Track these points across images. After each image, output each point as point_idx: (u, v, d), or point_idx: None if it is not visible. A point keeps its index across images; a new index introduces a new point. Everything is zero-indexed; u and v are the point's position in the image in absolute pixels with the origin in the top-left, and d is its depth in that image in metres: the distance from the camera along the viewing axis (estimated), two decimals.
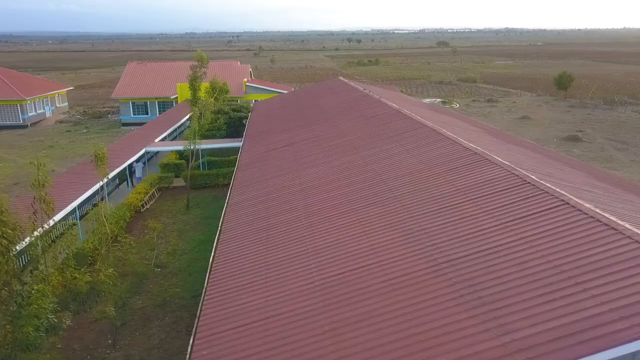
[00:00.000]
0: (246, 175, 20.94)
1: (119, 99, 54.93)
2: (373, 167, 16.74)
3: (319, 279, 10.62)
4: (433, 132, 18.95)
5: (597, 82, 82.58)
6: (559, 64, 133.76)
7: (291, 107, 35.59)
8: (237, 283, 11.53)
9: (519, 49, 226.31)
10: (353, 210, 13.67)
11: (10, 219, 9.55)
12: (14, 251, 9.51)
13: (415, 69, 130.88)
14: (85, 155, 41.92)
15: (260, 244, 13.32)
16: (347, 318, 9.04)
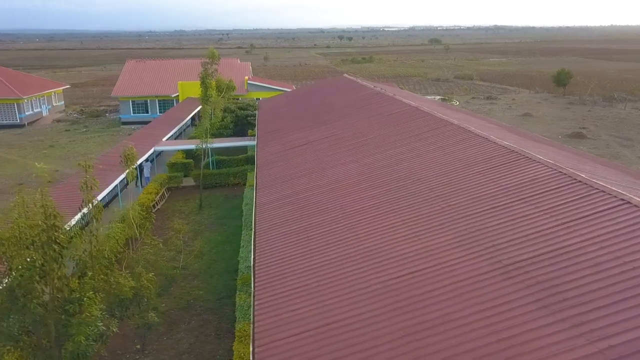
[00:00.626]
0: (268, 174, 20.54)
1: (118, 97, 54.11)
2: (406, 166, 16.44)
3: (377, 282, 10.29)
4: (461, 129, 18.68)
5: (593, 79, 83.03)
6: (552, 61, 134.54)
7: (299, 106, 35.19)
8: (286, 287, 11.17)
9: (511, 46, 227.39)
10: (395, 211, 13.35)
11: (62, 223, 9.10)
12: (66, 257, 9.06)
13: (410, 66, 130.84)
14: (88, 155, 41.26)
15: (301, 245, 12.96)
16: (421, 323, 8.73)
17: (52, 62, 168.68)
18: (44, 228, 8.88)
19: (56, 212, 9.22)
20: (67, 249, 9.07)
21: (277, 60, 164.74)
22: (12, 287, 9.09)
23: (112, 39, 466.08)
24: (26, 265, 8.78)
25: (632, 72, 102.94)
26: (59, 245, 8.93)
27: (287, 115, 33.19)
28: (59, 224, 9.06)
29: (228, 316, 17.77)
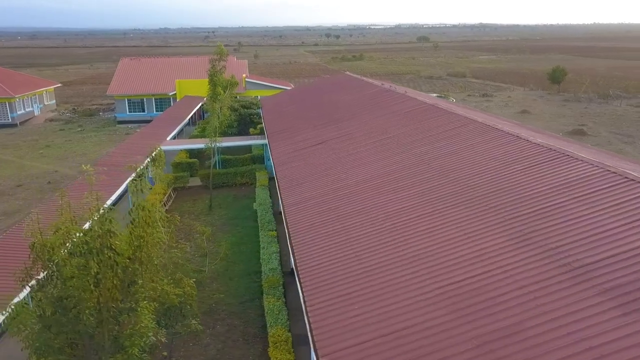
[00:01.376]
0: (289, 174, 20.07)
1: (114, 96, 53.09)
2: (438, 165, 16.11)
3: (437, 287, 9.93)
4: (487, 127, 18.40)
5: (585, 76, 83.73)
6: (541, 59, 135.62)
7: (304, 104, 34.71)
8: (337, 292, 10.74)
9: (498, 44, 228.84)
10: (439, 211, 13.00)
11: (118, 228, 8.57)
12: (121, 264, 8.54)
13: (401, 64, 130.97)
14: (86, 155, 40.42)
15: (345, 248, 12.54)
16: (494, 331, 8.37)
17: (37, 60, 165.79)
18: (100, 234, 8.34)
19: (112, 217, 8.69)
20: (121, 255, 8.54)
21: (267, 58, 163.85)
22: (62, 296, 8.55)
23: (96, 36, 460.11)
24: (79, 273, 8.25)
25: (621, 69, 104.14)
26: (114, 252, 8.41)
27: (293, 113, 32.71)
28: (115, 229, 8.53)
29: (254, 320, 17.31)
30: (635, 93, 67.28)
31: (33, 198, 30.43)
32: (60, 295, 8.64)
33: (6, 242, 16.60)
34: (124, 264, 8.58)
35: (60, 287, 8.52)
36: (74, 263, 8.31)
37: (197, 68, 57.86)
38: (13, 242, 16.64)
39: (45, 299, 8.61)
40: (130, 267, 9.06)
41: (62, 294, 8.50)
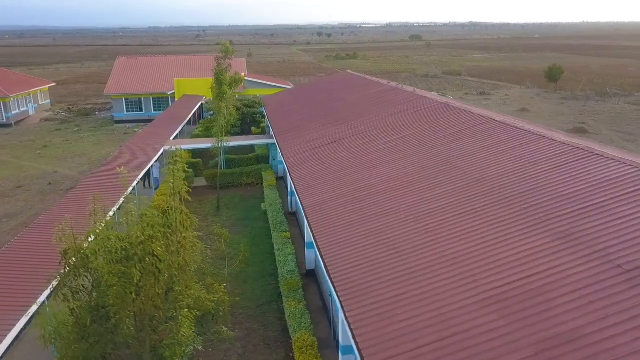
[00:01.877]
0: (305, 175, 19.69)
1: (111, 95, 52.32)
2: (462, 165, 15.81)
3: (483, 290, 9.62)
4: (507, 126, 18.15)
5: (581, 74, 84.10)
6: (535, 57, 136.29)
7: (309, 103, 34.32)
8: (377, 297, 10.39)
9: (490, 42, 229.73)
10: (471, 213, 12.69)
11: (160, 233, 8.15)
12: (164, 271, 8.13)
13: (395, 62, 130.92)
14: (85, 155, 39.74)
15: (377, 250, 12.20)
16: (553, 337, 8.07)
17: (26, 59, 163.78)
18: (142, 240, 7.92)
19: (154, 222, 8.26)
20: (164, 262, 8.13)
21: (260, 57, 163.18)
22: (100, 305, 8.13)
23: (85, 35, 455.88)
24: (120, 281, 7.83)
25: (614, 67, 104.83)
26: (156, 259, 7.99)
27: (298, 112, 32.30)
28: (158, 234, 8.11)
29: (273, 324, 16.95)
30: (631, 91, 67.61)
31: (34, 200, 29.80)
32: (99, 304, 8.21)
33: (19, 245, 16.06)
34: (166, 271, 8.16)
35: (99, 296, 8.09)
36: (114, 270, 7.88)
37: (195, 67, 57.27)
38: (26, 245, 16.12)
39: (81, 307, 8.17)
40: (169, 273, 8.65)
41: (101, 302, 8.07)
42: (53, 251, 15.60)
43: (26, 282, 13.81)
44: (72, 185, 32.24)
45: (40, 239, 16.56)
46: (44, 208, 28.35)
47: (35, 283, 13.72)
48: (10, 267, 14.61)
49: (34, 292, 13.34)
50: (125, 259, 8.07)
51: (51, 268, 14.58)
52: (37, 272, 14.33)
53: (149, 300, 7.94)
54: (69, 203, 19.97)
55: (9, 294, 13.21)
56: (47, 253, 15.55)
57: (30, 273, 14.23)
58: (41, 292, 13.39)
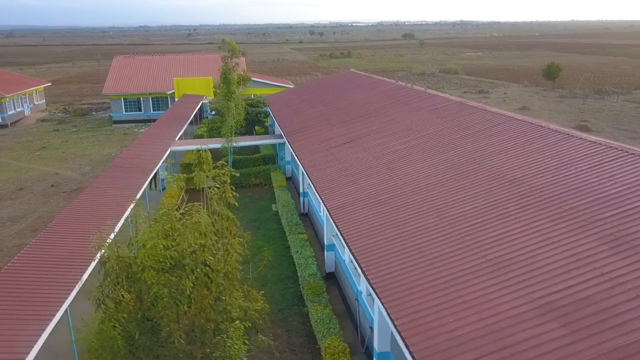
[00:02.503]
0: (323, 176, 19.30)
1: (109, 95, 51.55)
2: (489, 165, 15.49)
3: (536, 297, 9.29)
4: (530, 124, 17.89)
5: (578, 72, 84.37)
6: (528, 56, 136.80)
7: (316, 102, 33.89)
8: (423, 304, 10.03)
9: (483, 40, 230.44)
10: (508, 215, 12.36)
11: (211, 242, 7.73)
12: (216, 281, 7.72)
13: (390, 61, 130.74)
14: (86, 156, 39.06)
15: (414, 255, 11.84)
16: (620, 348, 7.76)
17: (16, 59, 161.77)
18: (195, 249, 7.50)
19: (207, 230, 7.85)
20: (217, 272, 7.72)
21: (254, 56, 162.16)
22: (150, 317, 7.70)
23: (75, 34, 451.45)
24: (171, 293, 7.41)
25: (609, 65, 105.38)
26: (209, 268, 7.58)
27: (306, 112, 31.88)
28: (209, 243, 7.70)
29: (297, 329, 16.55)
30: (629, 89, 67.88)
31: (37, 202, 29.16)
32: (145, 315, 7.78)
33: (36, 251, 15.53)
34: (218, 281, 7.75)
35: (147, 308, 7.66)
36: (164, 281, 7.45)
37: (193, 66, 56.64)
38: (43, 251, 15.60)
39: (128, 320, 7.73)
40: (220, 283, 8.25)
41: (148, 314, 7.64)
42: (71, 256, 15.18)
43: (47, 290, 13.31)
44: (76, 187, 31.67)
45: (57, 243, 16.06)
46: (49, 211, 27.77)
47: (57, 291, 13.25)
48: (29, 274, 14.09)
49: (57, 300, 12.86)
50: (175, 268, 7.65)
51: (71, 275, 14.15)
52: (57, 279, 13.87)
53: (201, 312, 7.53)
54: (81, 206, 19.44)
55: (30, 303, 12.69)
56: (65, 259, 15.08)
57: (50, 281, 13.74)
58: (63, 301, 12.92)
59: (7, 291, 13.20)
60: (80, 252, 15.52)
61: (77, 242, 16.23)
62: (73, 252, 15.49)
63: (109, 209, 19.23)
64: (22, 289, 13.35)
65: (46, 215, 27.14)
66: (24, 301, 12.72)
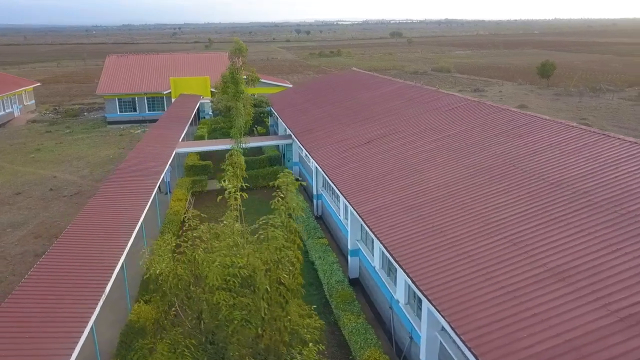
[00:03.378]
0: (348, 178, 18.66)
1: (103, 95, 50.30)
2: (525, 167, 15.00)
3: (615, 309, 8.79)
4: (560, 124, 17.48)
5: (568, 70, 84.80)
6: (517, 54, 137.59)
7: (323, 102, 33.23)
8: (488, 318, 9.47)
9: (470, 39, 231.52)
10: (559, 220, 11.86)
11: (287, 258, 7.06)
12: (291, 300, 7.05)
13: (380, 59, 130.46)
14: (83, 158, 37.93)
15: (466, 263, 11.27)
16: None
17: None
18: (270, 267, 6.84)
19: (281, 244, 7.18)
20: (292, 290, 7.05)
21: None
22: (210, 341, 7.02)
23: (57, 33, 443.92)
24: (242, 315, 6.73)
25: (597, 62, 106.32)
26: (284, 287, 6.93)
27: (313, 112, 31.20)
28: (285, 260, 7.04)
29: (327, 339, 15.88)
30: (622, 86, 68.33)
31: (37, 207, 28.11)
32: (209, 339, 7.10)
33: (53, 262, 14.67)
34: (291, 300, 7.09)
35: (211, 331, 6.97)
36: (236, 302, 6.77)
37: (188, 65, 55.61)
38: (60, 262, 14.74)
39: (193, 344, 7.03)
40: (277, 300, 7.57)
41: (217, 339, 6.96)
42: (92, 267, 14.35)
43: (72, 305, 12.48)
44: (76, 191, 30.66)
45: (74, 253, 15.21)
46: (50, 216, 26.76)
47: (81, 306, 12.43)
48: (49, 288, 13.24)
49: (83, 316, 12.06)
50: (242, 287, 6.98)
51: (94, 287, 13.33)
52: (81, 293, 13.05)
53: (276, 335, 6.87)
54: (93, 213, 18.54)
55: (57, 319, 11.87)
56: (85, 270, 14.26)
57: (73, 295, 12.91)
58: (90, 316, 12.13)
59: (29, 307, 12.35)
60: (100, 263, 14.74)
61: (95, 251, 15.43)
62: (92, 263, 14.68)
63: (123, 216, 18.40)
64: (45, 305, 12.49)
65: (48, 220, 26.14)
66: (50, 318, 11.88)
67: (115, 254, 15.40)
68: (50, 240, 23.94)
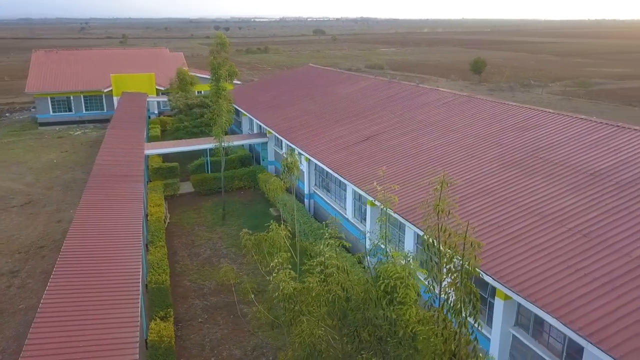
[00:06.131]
0: (363, 177, 18.05)
1: (33, 94, 45.77)
2: (551, 159, 15.26)
3: None
4: (567, 117, 18.04)
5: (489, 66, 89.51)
6: (438, 51, 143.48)
7: (294, 99, 32.32)
8: (598, 311, 9.40)
9: (390, 36, 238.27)
10: (615, 210, 12.12)
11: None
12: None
13: (310, 56, 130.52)
14: (23, 163, 34.30)
15: (540, 255, 11.18)
16: None
17: None
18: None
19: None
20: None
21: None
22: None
23: None
24: (430, 330, 6.05)
25: (513, 60, 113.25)
26: (474, 296, 6.28)
27: (288, 109, 30.18)
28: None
29: None
30: (546, 82, 73.14)
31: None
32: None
33: (63, 285, 12.85)
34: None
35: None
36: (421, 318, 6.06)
37: (127, 61, 52.20)
38: (72, 286, 12.95)
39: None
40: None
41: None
42: (115, 286, 12.72)
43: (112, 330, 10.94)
44: (27, 201, 27.63)
45: (85, 273, 13.44)
46: (4, 229, 23.84)
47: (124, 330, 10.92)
48: (76, 314, 11.54)
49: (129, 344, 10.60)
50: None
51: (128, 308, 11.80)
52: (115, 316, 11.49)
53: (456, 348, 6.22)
54: (87, 223, 16.56)
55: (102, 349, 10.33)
56: (110, 290, 12.62)
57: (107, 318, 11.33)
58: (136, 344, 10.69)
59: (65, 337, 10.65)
60: (123, 280, 13.13)
61: (113, 266, 13.74)
62: (115, 280, 13.06)
63: (122, 225, 16.63)
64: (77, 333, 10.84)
65: (3, 235, 23.23)
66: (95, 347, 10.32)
67: (133, 268, 13.83)
68: (14, 257, 21.25)
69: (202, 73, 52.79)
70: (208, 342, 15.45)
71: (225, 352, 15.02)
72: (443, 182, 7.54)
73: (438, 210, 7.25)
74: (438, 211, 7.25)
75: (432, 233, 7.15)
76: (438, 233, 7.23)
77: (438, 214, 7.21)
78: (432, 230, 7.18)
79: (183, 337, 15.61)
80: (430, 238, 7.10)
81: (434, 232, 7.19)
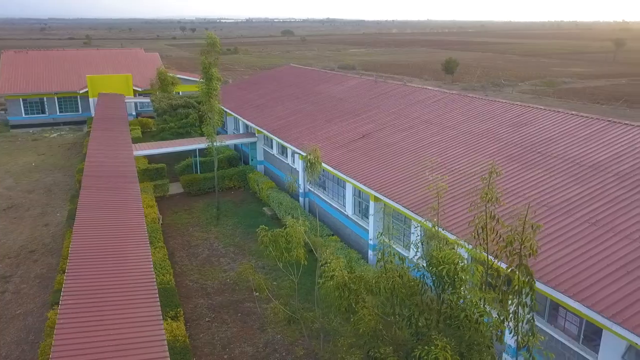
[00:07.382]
0: (370, 173, 18.28)
1: (4, 95, 44.30)
2: (549, 153, 15.86)
3: None
4: (554, 112, 18.73)
5: (461, 66, 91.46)
6: (408, 52, 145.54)
7: (280, 98, 32.34)
8: (627, 299, 9.88)
9: (359, 37, 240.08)
10: (619, 200, 12.72)
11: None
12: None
13: (281, 57, 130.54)
14: (0, 167, 33.17)
15: (553, 244, 11.65)
16: None
17: None
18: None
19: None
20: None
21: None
22: None
23: None
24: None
25: (481, 60, 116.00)
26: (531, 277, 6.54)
27: (276, 109, 30.18)
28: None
29: None
30: (515, 81, 75.25)
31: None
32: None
33: (79, 288, 12.61)
34: None
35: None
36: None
37: (101, 62, 51.09)
38: (88, 289, 12.72)
39: None
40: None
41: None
42: (134, 288, 12.55)
43: (141, 343, 10.83)
44: (10, 205, 26.81)
45: (105, 274, 13.21)
46: None
47: (152, 343, 10.72)
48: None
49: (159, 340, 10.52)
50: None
51: (150, 311, 11.66)
52: (140, 318, 11.36)
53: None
54: (90, 227, 16.22)
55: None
56: (129, 290, 12.46)
57: (136, 334, 11.15)
58: (164, 341, 10.62)
59: (91, 337, 10.47)
60: (138, 280, 12.96)
61: (126, 267, 13.55)
62: (130, 280, 12.89)
63: (128, 224, 16.40)
64: (101, 333, 10.66)
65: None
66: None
67: (146, 267, 13.67)
68: (4, 262, 20.59)
69: (180, 74, 52.24)
70: (218, 341, 15.39)
71: (237, 349, 15.01)
72: (492, 171, 7.80)
73: (487, 198, 7.52)
74: (487, 199, 7.51)
75: (481, 220, 7.41)
76: (486, 220, 7.52)
77: (487, 202, 7.48)
78: (481, 218, 7.44)
79: (192, 336, 15.50)
80: (480, 224, 7.37)
81: (482, 220, 7.47)
